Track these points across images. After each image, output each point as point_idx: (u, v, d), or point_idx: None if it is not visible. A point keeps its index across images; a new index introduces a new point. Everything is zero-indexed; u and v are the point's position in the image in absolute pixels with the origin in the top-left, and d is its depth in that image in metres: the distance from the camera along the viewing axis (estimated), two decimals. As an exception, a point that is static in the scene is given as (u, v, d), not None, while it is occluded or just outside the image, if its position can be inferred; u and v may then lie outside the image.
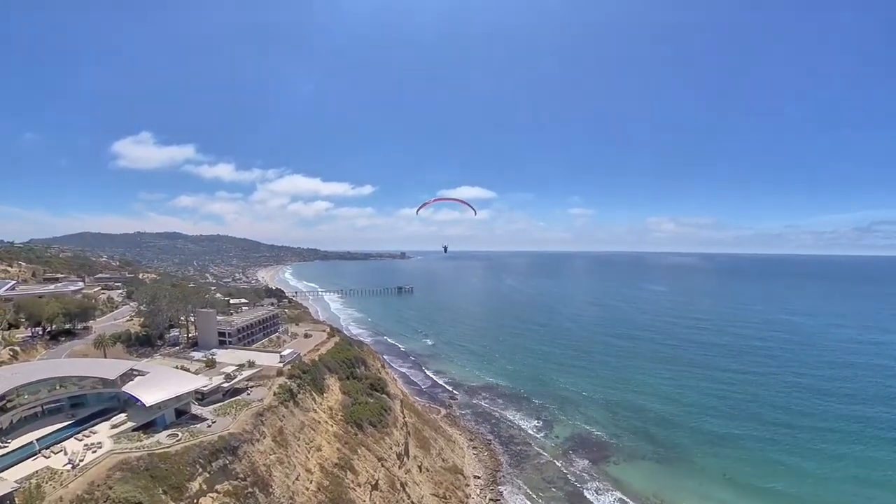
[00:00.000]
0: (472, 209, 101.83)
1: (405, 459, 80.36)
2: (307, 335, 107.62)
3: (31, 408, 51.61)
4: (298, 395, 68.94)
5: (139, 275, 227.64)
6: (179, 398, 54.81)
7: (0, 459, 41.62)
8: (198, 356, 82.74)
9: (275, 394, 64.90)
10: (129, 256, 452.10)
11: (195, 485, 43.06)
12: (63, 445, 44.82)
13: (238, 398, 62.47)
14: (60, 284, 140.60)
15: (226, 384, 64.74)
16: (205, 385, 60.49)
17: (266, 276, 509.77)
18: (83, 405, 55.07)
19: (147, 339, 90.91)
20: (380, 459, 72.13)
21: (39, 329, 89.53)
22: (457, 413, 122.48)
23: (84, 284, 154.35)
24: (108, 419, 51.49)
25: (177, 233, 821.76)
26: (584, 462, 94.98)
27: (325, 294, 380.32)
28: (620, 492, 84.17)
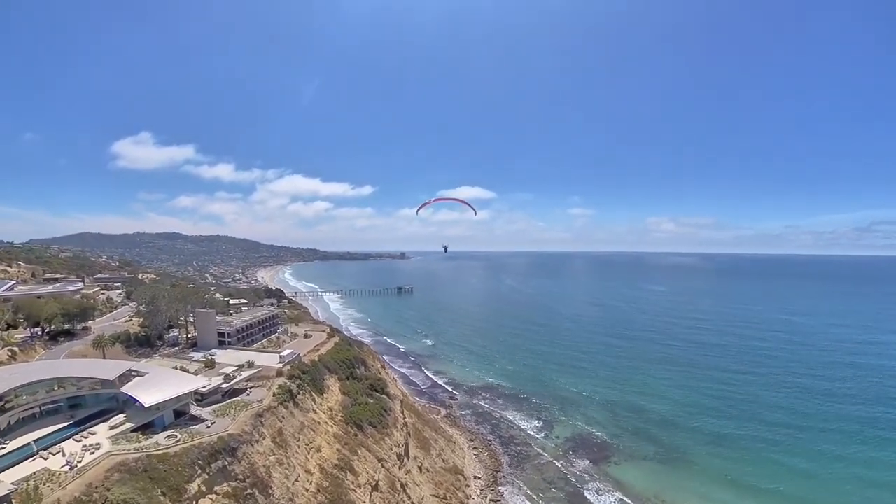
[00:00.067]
0: (472, 209, 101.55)
1: (405, 460, 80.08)
2: (307, 335, 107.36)
3: (30, 409, 51.33)
4: (298, 396, 68.64)
5: (139, 275, 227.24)
6: (178, 399, 54.48)
7: (-2, 461, 41.29)
8: (197, 357, 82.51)
9: (274, 394, 64.62)
10: (129, 257, 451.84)
11: (194, 486, 42.76)
12: (61, 446, 44.50)
13: (237, 399, 62.17)
14: (60, 285, 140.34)
15: (225, 385, 64.42)
16: (204, 386, 60.24)
17: (266, 277, 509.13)
18: (81, 406, 54.80)
19: (146, 340, 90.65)
20: (380, 460, 71.84)
21: (38, 329, 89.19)
22: (457, 413, 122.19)
23: (83, 285, 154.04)
24: (107, 420, 51.19)
25: (176, 233, 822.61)
26: (585, 462, 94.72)
27: (325, 294, 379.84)
28: (621, 492, 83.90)
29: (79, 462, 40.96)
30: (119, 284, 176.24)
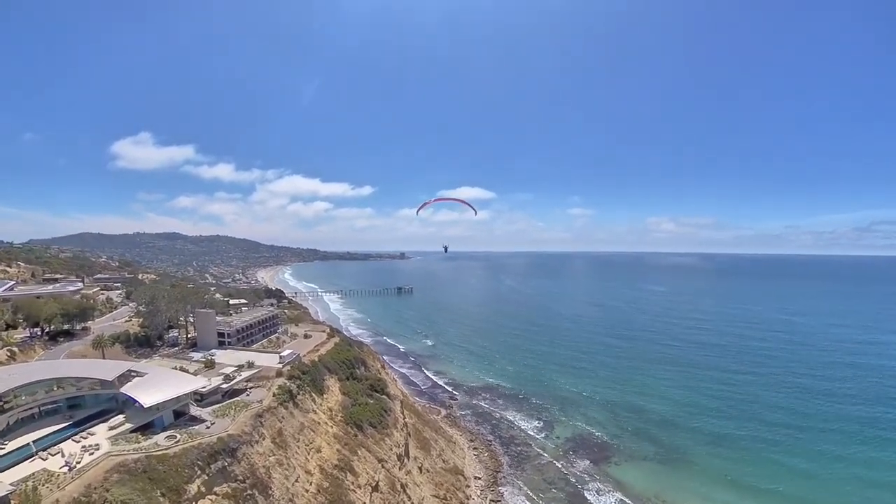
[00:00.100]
0: (473, 209, 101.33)
1: (405, 460, 79.96)
2: (307, 336, 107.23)
3: (29, 409, 51.18)
4: (298, 396, 68.52)
5: (138, 275, 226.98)
6: (178, 399, 54.33)
7: (-4, 461, 41.17)
8: (197, 357, 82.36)
9: (274, 395, 64.49)
10: (129, 257, 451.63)
11: (193, 487, 42.63)
12: (60, 447, 44.39)
13: (237, 399, 62.03)
14: (59, 285, 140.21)
15: (225, 385, 64.28)
16: (203, 386, 60.11)
17: (265, 277, 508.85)
18: (81, 406, 54.65)
19: (146, 340, 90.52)
20: (380, 461, 71.71)
21: (38, 330, 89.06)
22: (457, 414, 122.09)
23: (83, 285, 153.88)
24: (106, 420, 51.04)
25: (176, 233, 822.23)
26: (585, 463, 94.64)
27: (325, 294, 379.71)
28: (621, 493, 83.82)
29: (78, 463, 40.85)
30: (119, 284, 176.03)
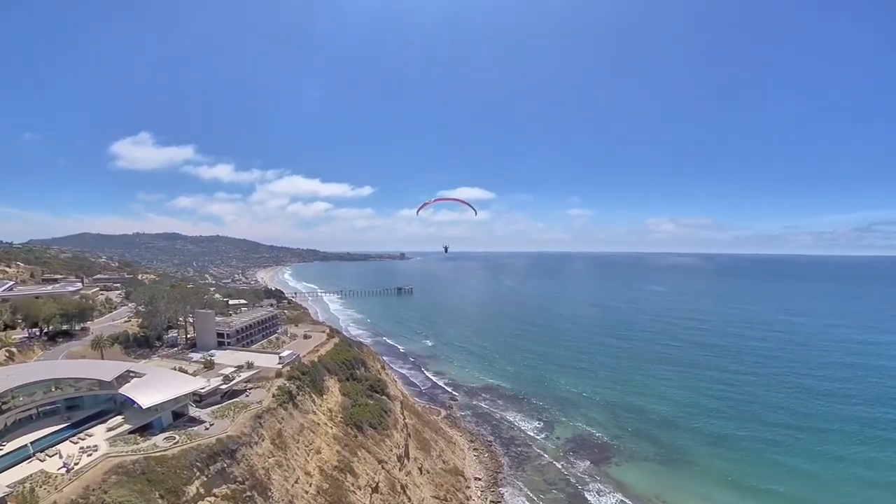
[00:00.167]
0: (473, 209, 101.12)
1: (405, 461, 79.72)
2: (306, 336, 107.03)
3: (27, 410, 51.00)
4: (298, 397, 68.30)
5: (138, 276, 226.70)
6: (177, 400, 54.10)
7: (-6, 463, 40.94)
8: (196, 357, 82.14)
9: (274, 395, 64.27)
10: (128, 257, 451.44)
11: (192, 489, 42.41)
12: (58, 448, 44.18)
13: (236, 400, 61.80)
14: (59, 285, 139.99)
15: (224, 386, 64.10)
16: (203, 387, 59.93)
17: (265, 277, 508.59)
18: (79, 407, 54.45)
19: (145, 341, 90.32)
20: (380, 462, 71.48)
21: (36, 330, 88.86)
22: (457, 414, 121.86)
23: (82, 285, 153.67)
24: (105, 421, 50.80)
25: (176, 233, 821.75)
26: (586, 463, 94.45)
27: (325, 295, 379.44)
28: (622, 493, 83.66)
29: (76, 464, 40.61)
30: (118, 285, 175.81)
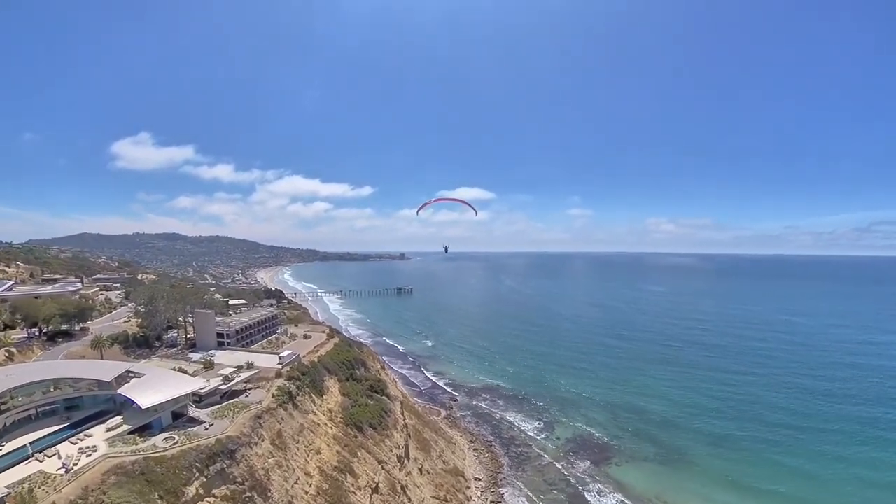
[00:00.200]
0: (473, 209, 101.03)
1: (405, 462, 79.61)
2: (306, 336, 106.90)
3: (25, 410, 50.91)
4: (297, 398, 68.19)
5: (138, 276, 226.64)
6: (176, 400, 54.02)
7: (-7, 463, 40.83)
8: (196, 357, 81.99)
9: (273, 396, 64.15)
10: (128, 257, 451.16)
11: (192, 489, 42.30)
12: (57, 449, 44.09)
13: (236, 400, 61.70)
14: (58, 285, 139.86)
15: (224, 386, 64.00)
16: (202, 387, 59.84)
17: (265, 277, 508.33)
18: (78, 407, 54.34)
19: (145, 341, 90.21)
20: (380, 462, 71.37)
21: (36, 330, 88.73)
22: (457, 415, 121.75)
23: (82, 285, 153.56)
24: (104, 422, 50.72)
25: (176, 234, 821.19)
26: (586, 464, 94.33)
27: (325, 295, 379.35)
28: (622, 494, 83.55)
29: (75, 465, 40.52)
30: (118, 285, 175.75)
